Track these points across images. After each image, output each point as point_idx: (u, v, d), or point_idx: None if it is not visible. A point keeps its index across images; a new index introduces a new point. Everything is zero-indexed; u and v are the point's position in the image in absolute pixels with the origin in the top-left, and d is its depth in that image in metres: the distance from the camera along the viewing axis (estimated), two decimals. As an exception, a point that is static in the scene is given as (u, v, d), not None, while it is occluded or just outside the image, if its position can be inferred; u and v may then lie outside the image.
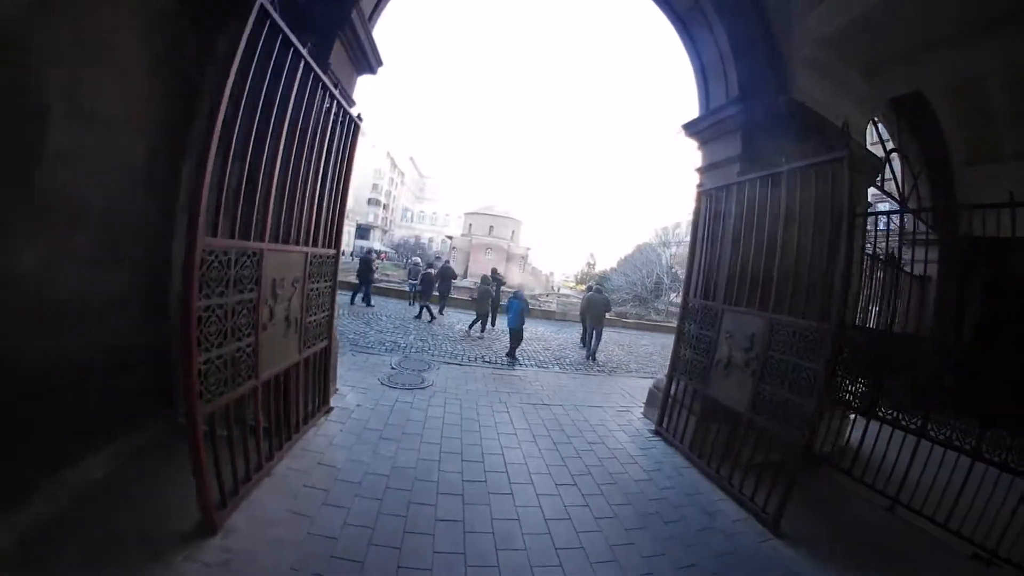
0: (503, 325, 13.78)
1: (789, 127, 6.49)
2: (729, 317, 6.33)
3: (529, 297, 45.64)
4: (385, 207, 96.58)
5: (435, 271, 16.74)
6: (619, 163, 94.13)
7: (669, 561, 3.98)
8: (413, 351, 10.20)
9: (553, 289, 70.93)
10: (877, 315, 7.61)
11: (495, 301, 14.75)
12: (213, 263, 3.45)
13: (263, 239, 4.03)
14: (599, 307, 13.29)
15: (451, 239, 68.67)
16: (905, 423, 5.49)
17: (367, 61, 6.66)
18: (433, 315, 15.30)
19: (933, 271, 9.05)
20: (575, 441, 6.41)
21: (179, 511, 3.49)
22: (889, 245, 9.13)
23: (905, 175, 9.92)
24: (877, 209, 9.01)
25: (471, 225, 66.66)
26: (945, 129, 9.88)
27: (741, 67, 6.95)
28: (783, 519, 4.60)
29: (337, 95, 5.29)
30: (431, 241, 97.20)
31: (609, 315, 15.82)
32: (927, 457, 4.87)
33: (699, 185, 7.57)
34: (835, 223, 4.97)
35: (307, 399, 5.53)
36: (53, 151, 3.47)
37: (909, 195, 9.83)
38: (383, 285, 22.58)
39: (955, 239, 8.67)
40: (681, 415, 6.82)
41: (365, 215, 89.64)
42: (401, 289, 20.87)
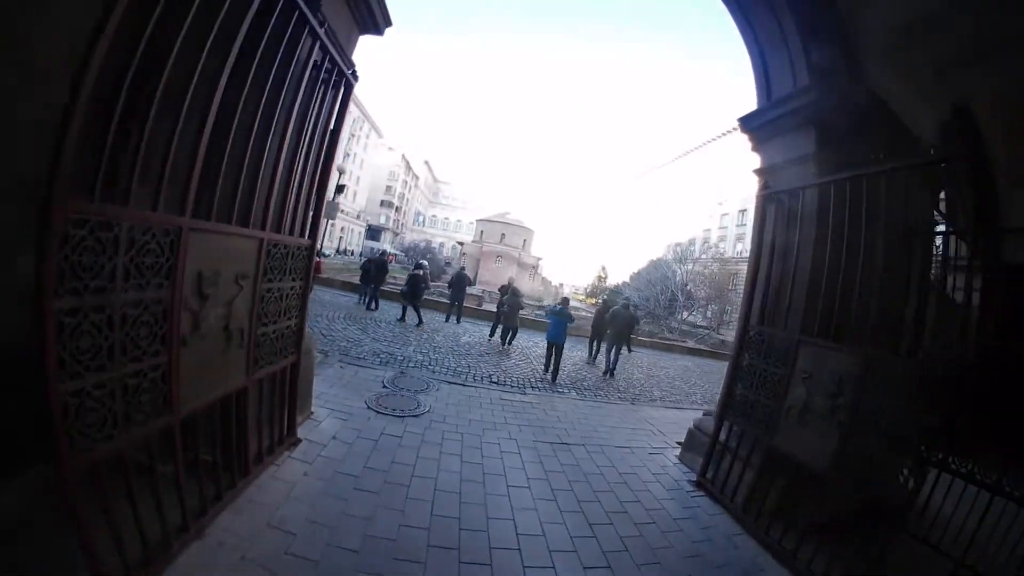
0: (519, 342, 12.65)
1: (867, 123, 5.33)
2: (808, 352, 5.02)
3: (536, 308, 44.44)
4: (398, 209, 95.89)
5: (423, 272, 15.38)
6: (633, 178, 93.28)
7: None
8: (411, 365, 8.91)
9: (559, 300, 69.67)
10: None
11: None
12: (86, 241, 2.20)
13: (183, 212, 2.75)
14: (625, 323, 12.72)
15: (462, 245, 67.61)
16: (980, 477, 4.14)
17: (372, 17, 5.38)
18: (420, 319, 13.97)
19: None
20: (604, 498, 5.06)
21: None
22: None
23: (952, 192, 8.55)
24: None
25: (483, 232, 65.51)
26: (990, 145, 8.50)
27: (812, 51, 5.76)
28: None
29: (329, 45, 4.07)
30: (442, 246, 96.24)
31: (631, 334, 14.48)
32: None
33: (762, 188, 6.25)
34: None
35: (262, 432, 4.26)
36: None
37: (956, 214, 8.44)
38: (387, 288, 21.28)
39: (997, 265, 7.33)
40: (734, 467, 5.52)
41: (377, 216, 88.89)
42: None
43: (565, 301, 12.26)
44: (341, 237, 70.56)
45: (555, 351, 10.39)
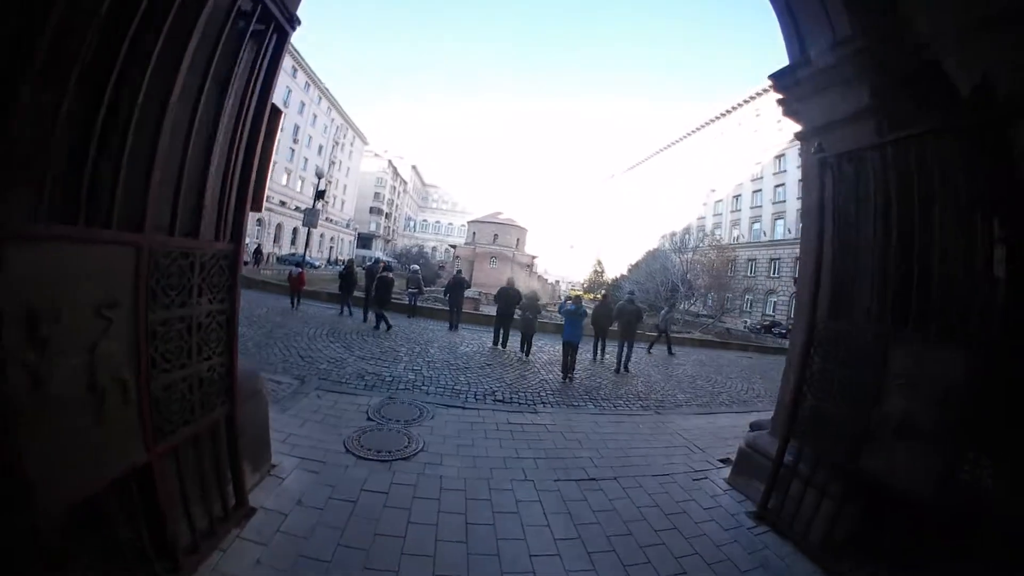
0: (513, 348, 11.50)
1: (915, 75, 4.29)
2: (903, 352, 3.88)
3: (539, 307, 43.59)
4: (387, 216, 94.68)
5: (390, 274, 14.17)
6: (624, 170, 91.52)
7: None
8: (402, 386, 7.70)
9: (560, 298, 68.61)
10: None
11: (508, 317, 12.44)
12: None
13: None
14: (631, 318, 12.24)
15: (454, 248, 66.39)
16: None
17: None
18: (389, 325, 12.80)
19: None
20: (654, 555, 3.90)
21: None
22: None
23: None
24: None
25: (475, 233, 64.34)
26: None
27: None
28: None
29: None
30: (434, 250, 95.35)
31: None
32: None
33: (817, 151, 5.05)
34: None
35: (193, 513, 3.07)
36: None
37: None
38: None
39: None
40: (806, 496, 4.37)
41: (367, 224, 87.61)
42: (400, 301, 18.34)
43: (578, 299, 11.73)
44: (331, 247, 69.32)
45: (572, 351, 9.91)
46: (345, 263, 15.97)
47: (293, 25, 3.57)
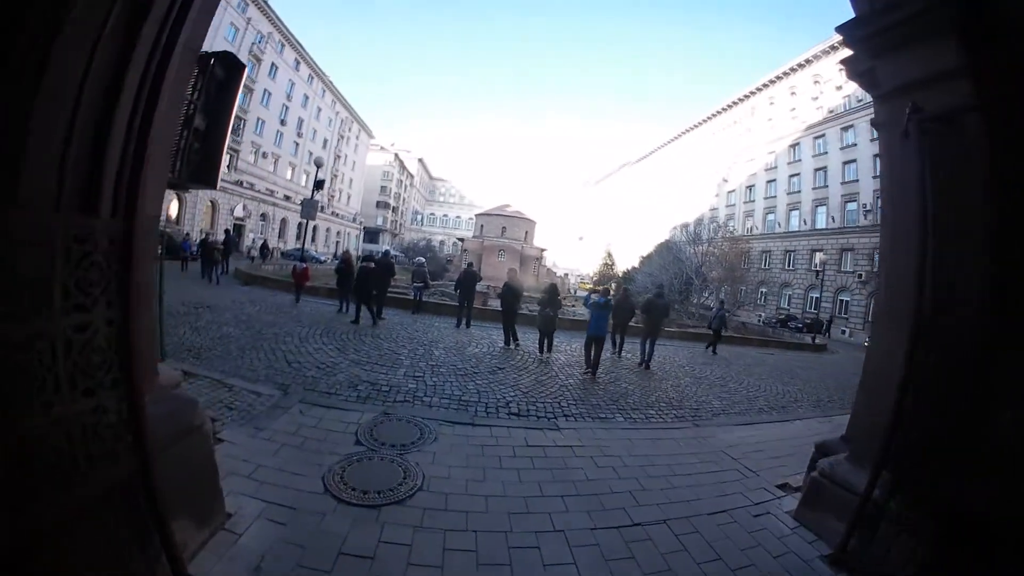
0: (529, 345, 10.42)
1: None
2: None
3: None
4: (394, 210, 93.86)
5: (372, 264, 13.09)
6: (633, 162, 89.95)
7: None
8: (400, 397, 6.64)
9: (570, 292, 67.31)
10: None
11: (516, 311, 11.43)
12: None
13: None
14: (660, 312, 11.89)
15: (462, 241, 65.34)
16: None
17: None
18: (375, 319, 12.12)
19: None
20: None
21: None
22: None
23: None
24: None
25: (483, 226, 63.24)
26: None
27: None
28: None
29: None
30: (442, 244, 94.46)
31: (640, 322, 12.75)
32: None
33: (913, 112, 3.88)
34: None
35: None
36: None
37: None
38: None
39: None
40: (899, 539, 3.51)
41: (374, 218, 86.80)
42: (404, 296, 17.32)
43: (606, 291, 11.14)
44: (338, 241, 68.45)
45: (597, 346, 9.41)
46: (342, 256, 14.83)
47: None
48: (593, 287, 16.43)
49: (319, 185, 18.84)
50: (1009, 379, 3.10)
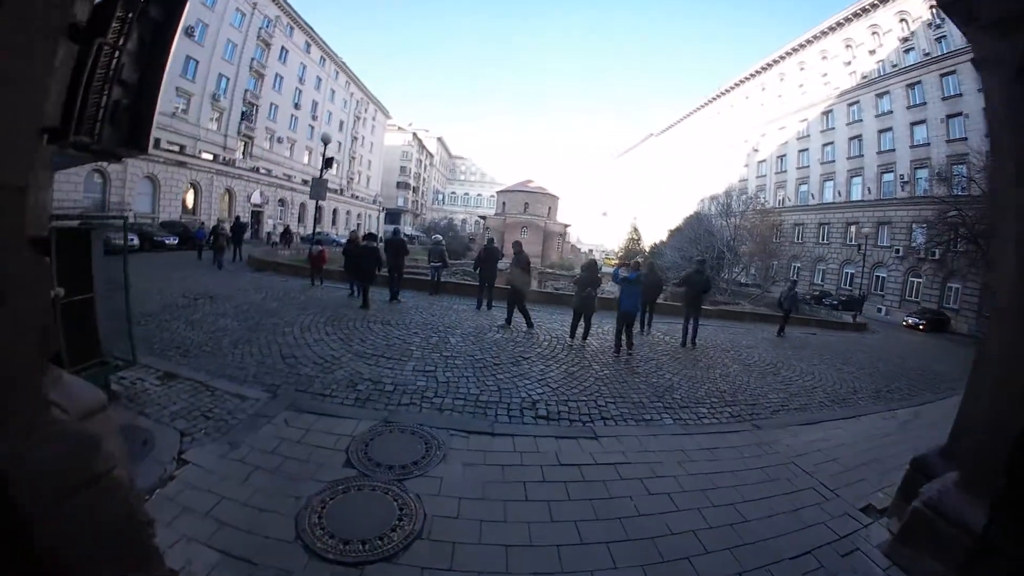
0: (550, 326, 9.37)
1: None
2: None
3: (571, 277, 40.92)
4: (415, 190, 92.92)
5: (375, 243, 12.45)
6: (659, 131, 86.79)
7: None
8: (406, 399, 5.63)
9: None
10: None
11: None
12: None
13: None
14: (700, 289, 11.17)
15: (484, 219, 64.20)
16: None
17: None
18: (365, 301, 11.18)
19: None
20: None
21: None
22: None
23: None
24: None
25: (504, 204, 62.07)
26: None
27: None
28: None
29: None
30: (464, 222, 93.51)
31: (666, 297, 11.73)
32: None
33: None
34: None
35: None
36: None
37: None
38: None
39: None
40: None
41: (395, 199, 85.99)
42: (422, 277, 16.29)
43: (636, 266, 10.29)
44: (359, 224, 67.83)
45: (629, 324, 8.99)
46: (348, 237, 13.76)
47: None
48: (622, 261, 15.33)
49: (328, 163, 17.74)
50: None
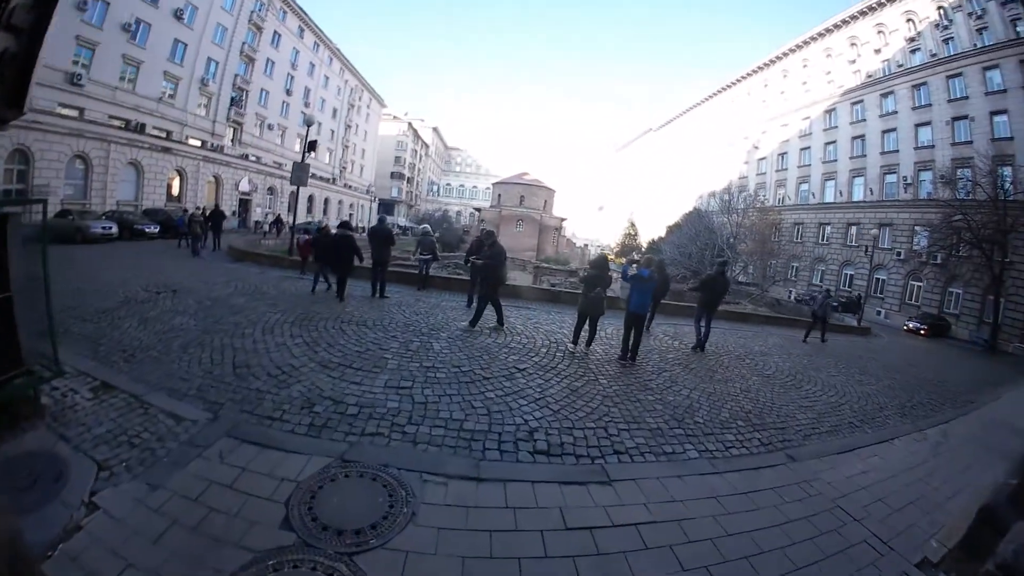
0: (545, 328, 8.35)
1: None
2: None
3: (567, 272, 39.82)
4: (409, 180, 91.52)
5: (339, 232, 11.46)
6: (657, 126, 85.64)
7: None
8: (372, 427, 4.56)
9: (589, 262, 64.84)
10: None
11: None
12: None
13: None
14: (721, 291, 10.53)
15: (479, 211, 63.04)
16: None
17: None
18: (342, 294, 10.52)
19: None
20: None
21: None
22: None
23: None
24: None
25: (500, 196, 60.92)
26: None
27: None
28: None
29: None
30: (459, 214, 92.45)
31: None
32: None
33: None
34: None
35: None
36: None
37: None
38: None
39: None
40: None
41: (388, 190, 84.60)
42: (409, 271, 15.21)
43: (648, 262, 9.16)
44: (351, 214, 66.52)
45: (638, 326, 8.01)
46: (317, 226, 12.45)
47: None
48: (631, 257, 13.94)
49: (311, 147, 16.53)
50: None
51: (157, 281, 10.84)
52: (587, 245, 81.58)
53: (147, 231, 22.98)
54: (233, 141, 43.09)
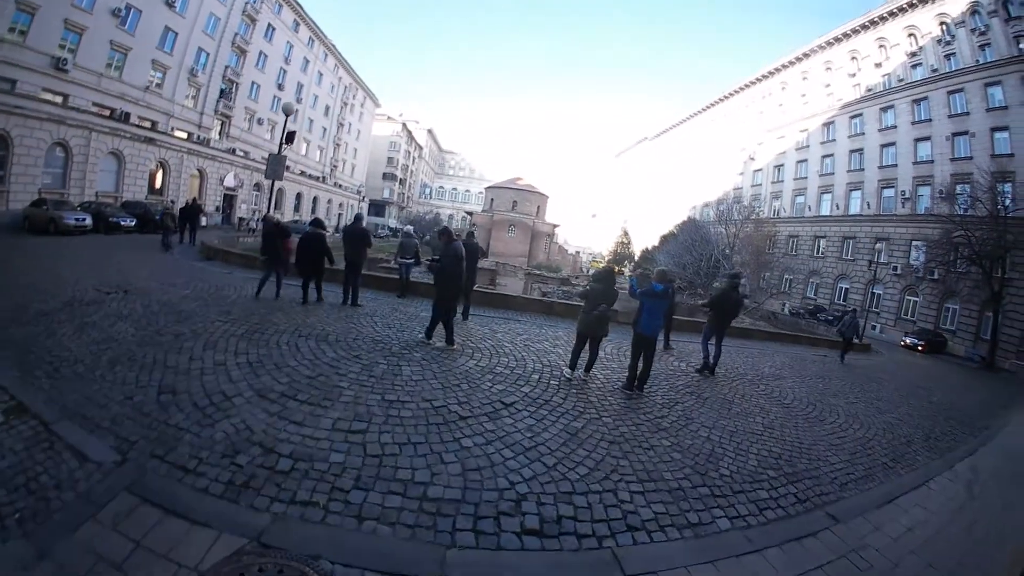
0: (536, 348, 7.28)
1: None
2: None
3: (560, 280, 38.73)
4: (402, 182, 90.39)
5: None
6: (652, 135, 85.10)
7: None
8: (306, 490, 3.47)
9: (582, 271, 64.11)
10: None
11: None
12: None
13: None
14: (735, 308, 9.51)
15: (471, 215, 61.98)
16: None
17: None
18: (319, 297, 9.85)
19: None
20: None
21: None
22: None
23: None
24: None
25: (492, 200, 59.98)
26: None
27: None
28: None
29: None
30: (451, 218, 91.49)
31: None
32: None
33: None
34: None
35: None
36: None
37: None
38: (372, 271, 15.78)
39: None
40: None
41: (380, 191, 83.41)
42: (391, 277, 14.17)
43: (662, 276, 7.65)
44: (340, 214, 65.35)
45: (648, 351, 6.85)
46: (265, 220, 10.93)
47: None
48: (644, 270, 12.47)
49: (289, 138, 15.38)
50: None
51: (113, 280, 9.84)
52: (579, 252, 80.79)
53: (123, 224, 21.95)
54: (220, 135, 41.81)
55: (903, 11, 37.71)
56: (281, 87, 49.10)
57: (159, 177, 32.43)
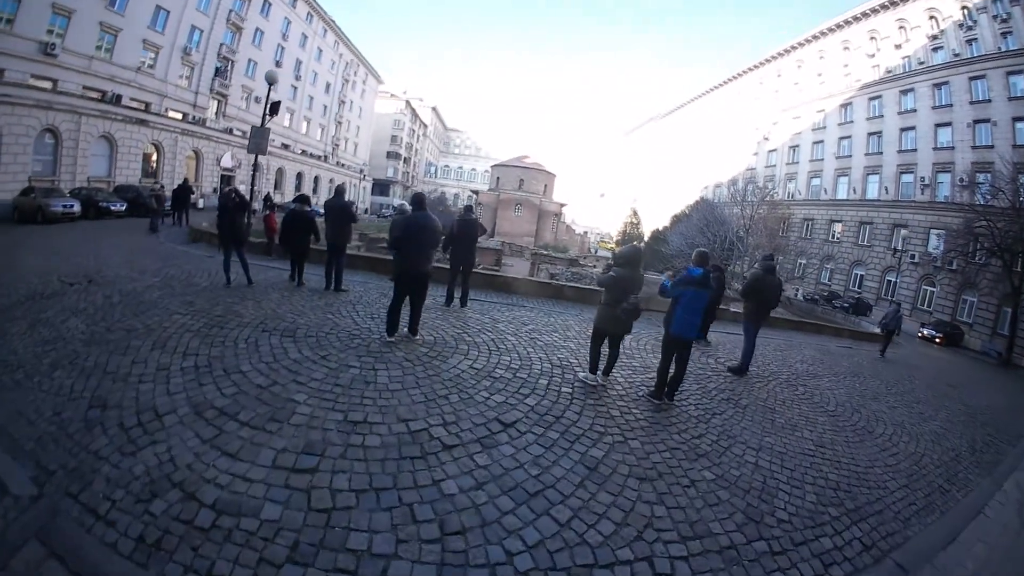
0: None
1: None
2: None
3: (568, 261, 37.50)
4: (406, 161, 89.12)
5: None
6: (662, 114, 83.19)
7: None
8: (229, 557, 2.58)
9: (590, 251, 63.12)
10: None
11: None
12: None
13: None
14: (774, 295, 8.32)
15: (476, 194, 60.86)
16: None
17: None
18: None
19: None
20: None
21: None
22: None
23: None
24: None
25: (499, 178, 58.85)
26: None
27: None
28: None
29: None
30: (456, 197, 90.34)
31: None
32: None
33: None
34: None
35: None
36: None
37: None
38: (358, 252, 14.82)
39: None
40: None
41: (384, 170, 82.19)
42: (384, 257, 13.19)
43: (701, 257, 5.81)
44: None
45: (683, 354, 5.71)
46: (223, 193, 9.50)
47: None
48: (674, 270, 8.97)
49: (273, 109, 14.30)
50: None
51: (82, 268, 9.10)
52: (587, 232, 79.62)
53: (113, 209, 21.55)
54: (217, 114, 40.80)
55: (924, -7, 36.26)
56: (279, 64, 47.82)
57: (154, 159, 31.64)
